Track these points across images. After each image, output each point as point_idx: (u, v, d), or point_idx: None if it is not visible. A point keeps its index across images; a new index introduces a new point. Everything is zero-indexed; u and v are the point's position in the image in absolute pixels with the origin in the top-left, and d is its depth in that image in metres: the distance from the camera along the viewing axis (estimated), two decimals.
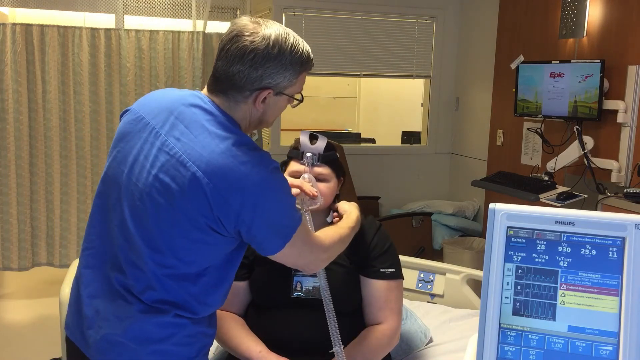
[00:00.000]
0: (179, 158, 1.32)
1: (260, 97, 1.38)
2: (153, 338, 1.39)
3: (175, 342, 1.40)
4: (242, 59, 1.34)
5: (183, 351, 1.41)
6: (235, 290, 1.85)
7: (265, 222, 1.34)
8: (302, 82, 1.44)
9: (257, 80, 1.36)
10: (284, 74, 1.37)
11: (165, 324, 1.39)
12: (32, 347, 3.27)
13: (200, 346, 1.46)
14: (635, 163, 3.12)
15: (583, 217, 1.10)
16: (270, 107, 1.42)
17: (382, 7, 4.68)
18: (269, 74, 1.35)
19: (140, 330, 1.38)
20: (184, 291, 1.39)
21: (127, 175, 1.39)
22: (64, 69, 3.64)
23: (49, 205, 3.72)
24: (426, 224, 4.42)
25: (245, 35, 1.34)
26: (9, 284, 4.16)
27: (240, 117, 1.40)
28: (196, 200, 1.31)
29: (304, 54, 1.40)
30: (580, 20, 3.48)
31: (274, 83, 1.37)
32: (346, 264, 1.81)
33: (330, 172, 1.80)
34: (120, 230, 1.40)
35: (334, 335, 1.59)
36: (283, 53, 1.35)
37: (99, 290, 1.44)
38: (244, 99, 1.38)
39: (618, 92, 3.23)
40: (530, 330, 1.10)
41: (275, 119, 1.49)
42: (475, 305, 2.46)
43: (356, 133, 5.64)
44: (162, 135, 1.37)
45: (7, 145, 3.58)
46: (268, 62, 1.34)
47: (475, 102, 4.75)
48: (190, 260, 1.37)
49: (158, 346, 1.39)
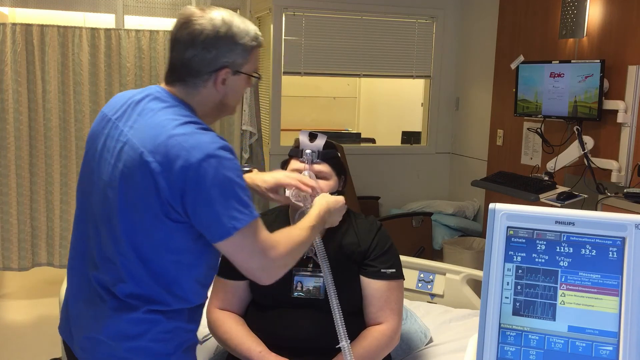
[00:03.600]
0: (131, 144, 1.37)
1: (220, 78, 1.42)
2: (128, 335, 1.40)
3: (151, 338, 1.41)
4: (193, 42, 1.40)
5: (160, 347, 1.42)
6: (236, 290, 1.85)
7: (209, 203, 1.31)
8: (255, 59, 1.47)
9: (213, 61, 1.41)
10: (236, 50, 1.41)
11: (137, 320, 1.40)
12: (32, 347, 3.27)
13: (179, 342, 1.46)
14: (635, 163, 3.12)
15: (583, 217, 1.10)
16: (230, 89, 1.45)
17: (382, 7, 4.68)
18: (223, 52, 1.40)
19: (115, 328, 1.41)
20: (153, 282, 1.40)
21: (96, 172, 1.45)
22: (64, 69, 3.64)
23: (49, 205, 3.72)
24: (426, 224, 4.42)
25: (194, 21, 1.40)
26: (9, 284, 4.16)
27: (200, 102, 1.44)
28: (146, 181, 1.33)
29: (251, 30, 1.45)
30: (580, 20, 3.48)
31: (230, 61, 1.41)
32: (347, 264, 1.81)
33: (330, 170, 1.82)
34: (94, 226, 1.45)
35: (340, 330, 1.57)
36: (231, 30, 1.41)
37: (80, 291, 1.49)
38: (203, 82, 1.42)
39: (618, 92, 3.23)
40: (530, 330, 1.09)
41: (237, 103, 1.52)
42: (475, 305, 2.46)
43: (356, 133, 5.63)
44: (119, 127, 1.42)
45: (7, 145, 3.58)
46: (219, 42, 1.40)
47: (475, 102, 4.75)
48: (154, 248, 1.38)
49: (133, 343, 1.41)
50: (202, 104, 1.45)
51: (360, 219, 1.92)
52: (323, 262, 1.63)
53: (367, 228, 1.87)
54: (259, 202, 4.08)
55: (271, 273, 1.43)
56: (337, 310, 1.59)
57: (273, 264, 1.41)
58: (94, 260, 1.45)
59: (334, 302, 1.59)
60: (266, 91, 4.68)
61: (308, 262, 1.81)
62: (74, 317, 1.50)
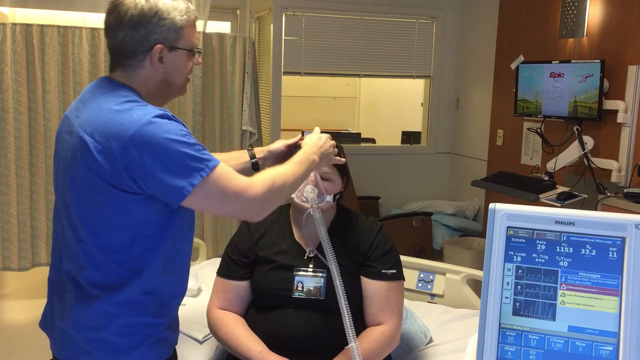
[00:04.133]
0: (75, 131, 1.40)
1: (155, 56, 1.42)
2: (90, 326, 1.42)
3: (112, 331, 1.42)
4: (121, 24, 1.42)
5: (122, 341, 1.42)
6: (236, 290, 1.86)
7: (155, 170, 1.32)
8: (190, 33, 1.47)
9: (144, 40, 1.42)
10: (164, 24, 1.42)
11: (98, 312, 1.42)
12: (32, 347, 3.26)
13: (143, 337, 1.44)
14: (635, 163, 3.12)
15: (583, 217, 1.10)
16: (170, 67, 1.46)
17: (382, 7, 4.68)
18: (152, 29, 1.41)
19: (78, 318, 1.43)
20: (114, 264, 1.40)
21: (57, 168, 1.49)
22: (64, 69, 3.64)
23: (49, 205, 3.72)
24: (426, 224, 4.42)
25: (119, 5, 1.43)
26: (9, 284, 4.16)
27: (142, 84, 1.45)
28: (89, 161, 1.35)
29: (180, 6, 1.45)
30: (580, 20, 3.48)
31: (161, 38, 1.42)
32: (347, 264, 1.81)
33: (335, 171, 1.83)
34: (59, 219, 1.49)
35: (348, 331, 1.56)
36: (157, 7, 1.41)
37: (55, 285, 1.54)
38: (140, 63, 1.44)
39: (618, 92, 3.23)
40: (530, 330, 1.09)
41: (184, 80, 1.52)
42: (475, 305, 2.46)
43: (356, 133, 5.63)
44: (71, 120, 1.45)
45: (7, 145, 3.58)
46: (145, 18, 1.41)
47: (475, 102, 4.75)
48: (112, 226, 1.39)
49: (95, 334, 1.42)
50: (144, 85, 1.46)
51: (361, 220, 1.92)
52: (331, 261, 1.60)
53: (368, 229, 1.88)
54: None
55: (256, 210, 1.42)
56: (346, 310, 1.57)
57: (254, 201, 1.39)
58: (61, 251, 1.49)
59: (342, 302, 1.57)
60: (266, 91, 4.68)
61: (309, 263, 1.82)
62: (50, 311, 1.54)
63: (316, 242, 1.79)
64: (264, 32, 4.90)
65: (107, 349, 1.43)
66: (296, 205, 1.82)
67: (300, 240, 1.86)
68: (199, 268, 2.79)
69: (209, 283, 2.23)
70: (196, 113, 3.84)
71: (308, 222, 1.77)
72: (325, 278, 1.78)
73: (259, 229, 1.90)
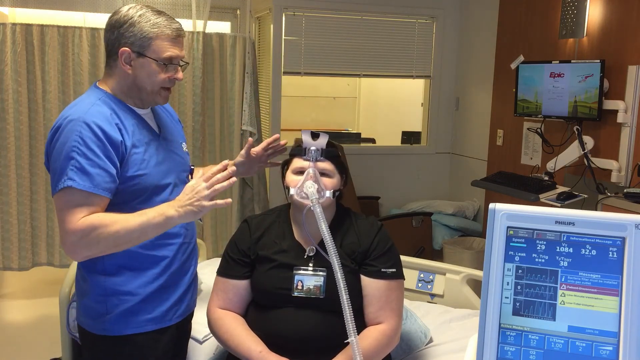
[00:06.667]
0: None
1: (122, 56, 1.61)
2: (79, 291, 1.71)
3: (92, 298, 1.66)
4: (106, 27, 1.66)
5: (99, 307, 1.65)
6: (236, 290, 1.86)
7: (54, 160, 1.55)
8: (161, 46, 1.63)
9: (116, 42, 1.62)
10: (132, 31, 1.60)
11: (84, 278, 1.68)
12: (32, 347, 3.27)
13: (116, 305, 1.64)
14: (635, 163, 3.12)
15: (583, 217, 1.10)
16: (138, 71, 1.63)
17: (382, 7, 4.68)
18: (122, 33, 1.61)
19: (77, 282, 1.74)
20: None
21: None
22: (64, 69, 3.64)
23: (49, 205, 3.72)
24: (426, 224, 4.42)
25: (115, 12, 1.65)
26: (9, 284, 4.16)
27: (117, 82, 1.65)
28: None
29: (159, 21, 1.63)
30: (580, 20, 3.48)
31: (129, 42, 1.61)
32: (347, 263, 1.81)
33: (333, 167, 1.83)
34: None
35: (349, 325, 1.55)
36: (132, 17, 1.61)
37: None
38: (114, 62, 1.64)
39: (618, 92, 3.23)
40: (530, 330, 1.09)
41: (154, 87, 1.66)
42: (475, 305, 2.46)
43: (356, 133, 5.64)
44: None
45: (7, 145, 3.58)
46: (119, 24, 1.61)
47: (475, 102, 4.75)
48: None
49: (81, 299, 1.69)
50: (118, 84, 1.65)
51: (361, 219, 1.92)
52: (332, 254, 1.59)
53: (368, 228, 1.88)
54: (259, 203, 4.08)
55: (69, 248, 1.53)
56: (348, 306, 1.56)
57: (67, 235, 1.51)
58: None
59: (344, 297, 1.56)
60: (266, 91, 4.68)
61: (309, 261, 1.82)
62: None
63: (317, 238, 1.79)
64: (264, 32, 4.90)
65: (89, 313, 1.66)
66: (296, 202, 1.82)
67: (301, 239, 1.87)
68: (199, 268, 2.78)
69: (209, 283, 2.23)
70: (196, 113, 3.84)
71: (308, 218, 1.77)
72: (325, 277, 1.78)
73: (259, 228, 1.90)
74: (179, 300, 1.76)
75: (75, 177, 1.49)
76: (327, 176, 1.81)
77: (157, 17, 1.63)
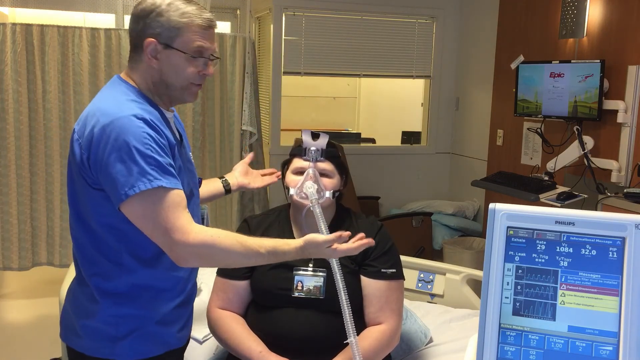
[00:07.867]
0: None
1: (147, 49, 1.45)
2: (83, 312, 1.48)
3: (101, 319, 1.46)
4: (132, 18, 1.49)
5: (109, 330, 1.46)
6: (236, 290, 1.86)
7: (106, 166, 1.35)
8: (191, 37, 1.46)
9: (142, 33, 1.46)
10: (160, 22, 1.44)
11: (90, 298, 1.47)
12: (32, 347, 3.26)
13: (130, 328, 1.47)
14: (635, 163, 3.12)
15: (583, 217, 1.10)
16: (166, 65, 1.47)
17: (382, 7, 4.68)
18: (148, 24, 1.45)
19: (75, 302, 1.51)
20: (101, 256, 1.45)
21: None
22: (64, 69, 3.64)
23: (49, 205, 3.72)
24: (426, 224, 4.42)
25: (140, 2, 1.49)
26: (9, 284, 4.16)
27: (142, 77, 1.49)
28: (72, 151, 1.43)
29: (188, 10, 1.46)
30: (580, 20, 3.48)
31: (156, 32, 1.45)
32: (347, 263, 1.81)
33: (333, 168, 1.83)
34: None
35: (348, 325, 1.55)
36: (159, 6, 1.45)
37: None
38: (139, 56, 1.48)
39: (618, 92, 3.23)
40: (530, 330, 1.09)
41: (183, 82, 1.50)
42: (475, 305, 2.46)
43: (356, 133, 5.63)
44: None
45: (7, 145, 3.58)
46: (145, 13, 1.45)
47: (475, 102, 4.75)
48: (92, 217, 1.43)
49: (85, 321, 1.47)
50: (144, 79, 1.49)
51: (361, 219, 1.92)
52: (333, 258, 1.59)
53: (368, 228, 1.87)
54: (259, 203, 4.08)
55: (179, 257, 1.36)
56: (347, 307, 1.56)
57: (179, 247, 1.35)
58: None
59: (343, 298, 1.57)
60: (266, 91, 4.68)
61: (309, 262, 1.81)
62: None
63: None
64: (264, 32, 4.90)
65: (95, 336, 1.47)
66: (296, 202, 1.82)
67: None
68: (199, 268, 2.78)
69: (209, 283, 2.23)
70: (196, 113, 3.84)
71: (308, 218, 1.77)
72: (325, 277, 1.78)
73: (259, 228, 1.90)
74: (187, 319, 1.63)
75: (159, 176, 1.35)
76: (327, 176, 1.82)
77: (186, 5, 1.47)
